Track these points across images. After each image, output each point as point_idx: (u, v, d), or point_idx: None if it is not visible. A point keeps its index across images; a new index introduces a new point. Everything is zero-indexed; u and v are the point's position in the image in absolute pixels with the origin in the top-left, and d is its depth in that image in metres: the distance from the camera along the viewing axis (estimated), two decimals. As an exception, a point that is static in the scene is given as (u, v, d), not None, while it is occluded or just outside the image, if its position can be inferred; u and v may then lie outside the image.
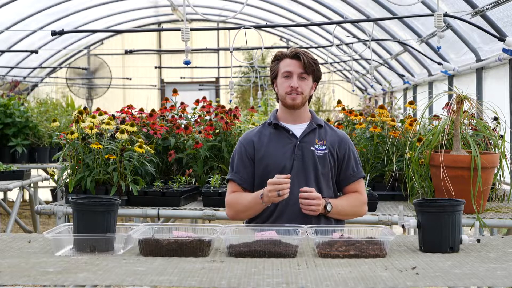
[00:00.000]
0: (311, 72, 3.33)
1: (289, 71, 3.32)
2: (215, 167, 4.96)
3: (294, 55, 3.33)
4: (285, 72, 3.33)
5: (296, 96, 3.32)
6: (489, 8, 5.59)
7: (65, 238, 2.84)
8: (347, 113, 5.21)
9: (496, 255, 2.77)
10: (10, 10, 10.63)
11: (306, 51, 3.36)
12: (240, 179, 3.39)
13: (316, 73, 3.37)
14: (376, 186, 4.74)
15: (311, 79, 3.36)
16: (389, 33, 9.36)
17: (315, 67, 3.34)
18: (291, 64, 3.32)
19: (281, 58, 3.37)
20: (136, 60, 17.38)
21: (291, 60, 3.33)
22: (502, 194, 4.54)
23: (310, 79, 3.35)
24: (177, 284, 2.33)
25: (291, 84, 3.31)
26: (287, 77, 3.33)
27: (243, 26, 5.59)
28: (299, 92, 3.32)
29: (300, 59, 3.30)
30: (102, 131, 4.48)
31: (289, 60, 3.33)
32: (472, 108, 4.08)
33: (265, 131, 3.43)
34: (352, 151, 3.43)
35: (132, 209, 4.43)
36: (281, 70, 3.35)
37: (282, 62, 3.35)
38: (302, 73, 3.31)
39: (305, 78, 3.33)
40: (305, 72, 3.31)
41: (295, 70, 3.31)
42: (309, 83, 3.35)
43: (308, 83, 3.34)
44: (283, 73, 3.34)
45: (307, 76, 3.33)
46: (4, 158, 8.14)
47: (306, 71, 3.31)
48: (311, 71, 3.33)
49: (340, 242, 2.77)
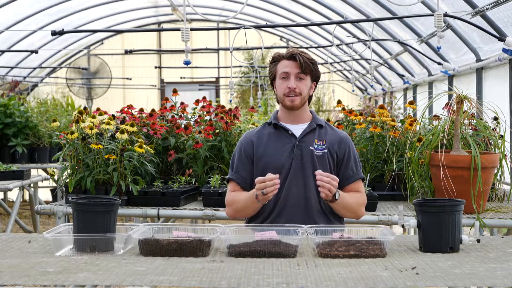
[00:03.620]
0: (309, 71, 3.34)
1: (286, 71, 3.33)
2: (215, 167, 4.96)
3: (290, 56, 3.34)
4: (282, 73, 3.35)
5: (295, 97, 3.33)
6: (489, 8, 5.59)
7: (65, 238, 2.84)
8: (347, 113, 5.21)
9: (496, 255, 2.77)
10: (10, 10, 10.62)
11: (303, 52, 3.37)
12: (239, 178, 3.40)
13: (314, 73, 3.37)
14: (376, 186, 4.74)
15: (309, 79, 3.37)
16: (389, 33, 9.36)
17: (312, 66, 3.35)
18: (288, 65, 3.33)
19: (278, 60, 3.39)
20: (136, 60, 17.37)
21: (288, 61, 3.34)
22: (502, 194, 4.54)
23: (308, 79, 3.36)
24: (177, 284, 2.33)
25: (288, 85, 3.32)
26: (285, 78, 3.34)
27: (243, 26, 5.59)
28: (297, 93, 3.33)
29: (296, 59, 3.32)
30: (102, 131, 4.48)
31: (286, 61, 3.35)
32: (472, 108, 4.08)
33: (265, 131, 3.44)
34: (352, 152, 3.43)
35: (132, 209, 4.43)
36: (278, 71, 3.37)
37: (280, 64, 3.37)
38: (299, 73, 3.32)
39: (302, 78, 3.34)
40: (302, 72, 3.32)
41: (292, 71, 3.32)
42: (307, 83, 3.35)
43: (306, 83, 3.35)
44: (280, 74, 3.36)
45: (304, 76, 3.34)
46: (4, 158, 8.15)
47: (303, 71, 3.32)
48: (309, 70, 3.34)
49: (340, 242, 2.77)
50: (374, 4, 8.47)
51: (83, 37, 15.22)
